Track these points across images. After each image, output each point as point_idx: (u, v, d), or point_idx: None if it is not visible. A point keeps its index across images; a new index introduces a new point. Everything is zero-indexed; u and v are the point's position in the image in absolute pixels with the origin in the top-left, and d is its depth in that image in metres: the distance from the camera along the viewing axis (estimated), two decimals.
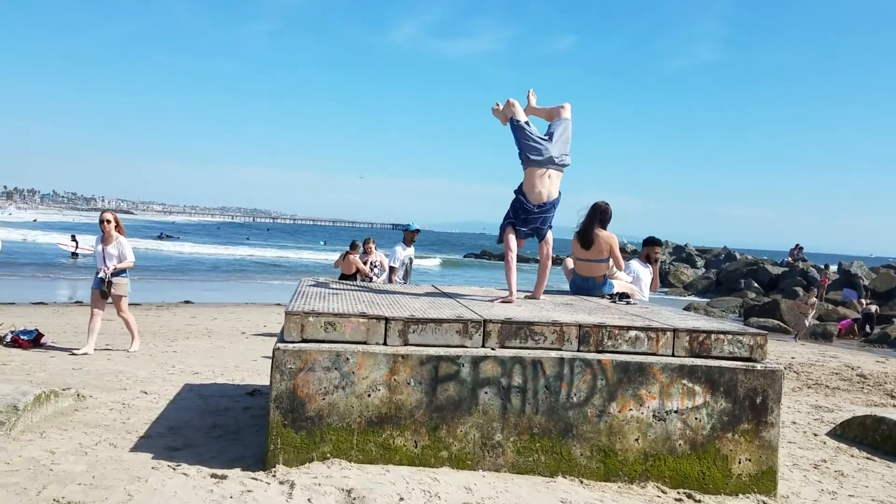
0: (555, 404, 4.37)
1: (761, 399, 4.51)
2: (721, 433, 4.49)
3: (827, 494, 4.77)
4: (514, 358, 4.36)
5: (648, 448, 4.44)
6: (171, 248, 46.22)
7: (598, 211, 6.47)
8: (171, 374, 7.69)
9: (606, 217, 6.48)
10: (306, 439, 4.19)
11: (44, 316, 12.89)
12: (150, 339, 10.53)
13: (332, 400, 4.21)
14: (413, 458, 4.27)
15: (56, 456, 4.34)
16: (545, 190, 5.46)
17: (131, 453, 4.49)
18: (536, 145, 5.43)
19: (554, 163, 5.44)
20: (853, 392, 9.42)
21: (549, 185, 5.47)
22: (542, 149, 5.43)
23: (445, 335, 4.38)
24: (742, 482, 4.49)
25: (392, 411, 4.26)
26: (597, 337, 4.50)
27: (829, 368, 11.52)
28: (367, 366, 4.23)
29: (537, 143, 5.44)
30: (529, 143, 5.45)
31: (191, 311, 15.44)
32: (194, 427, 5.27)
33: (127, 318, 9.18)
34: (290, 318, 4.27)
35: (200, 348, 9.94)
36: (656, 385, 4.44)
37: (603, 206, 6.52)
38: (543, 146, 5.43)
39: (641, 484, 4.40)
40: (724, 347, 4.59)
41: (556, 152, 5.45)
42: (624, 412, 4.42)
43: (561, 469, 4.37)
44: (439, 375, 4.29)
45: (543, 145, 5.44)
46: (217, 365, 8.52)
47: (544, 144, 5.44)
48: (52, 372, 7.34)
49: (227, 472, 4.15)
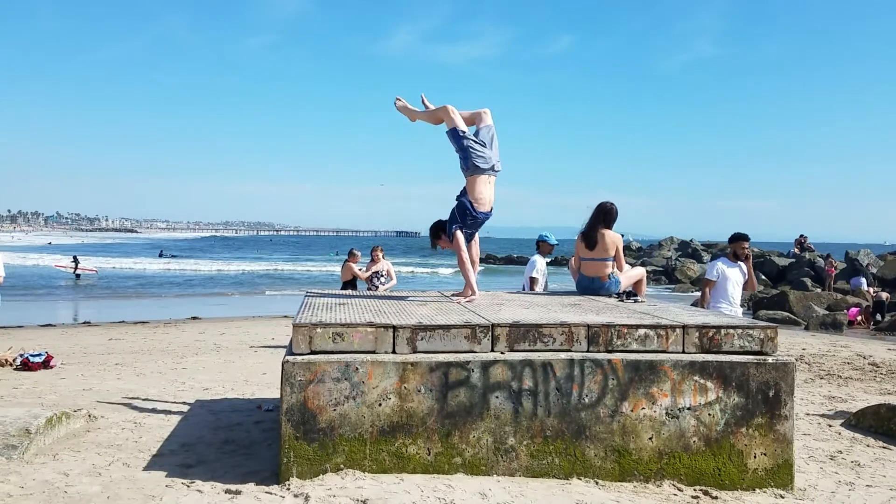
0: (567, 406, 4.36)
1: (774, 392, 4.48)
2: (735, 428, 4.46)
3: (844, 486, 4.73)
4: (523, 361, 4.34)
5: (663, 446, 4.42)
6: (175, 267, 46.23)
7: (602, 211, 6.47)
8: (181, 390, 7.70)
9: (611, 217, 6.47)
10: (319, 451, 4.18)
11: (52, 338, 12.92)
12: (158, 357, 10.55)
13: (344, 410, 4.20)
14: (427, 465, 4.25)
15: (70, 478, 4.34)
16: (490, 196, 5.59)
17: (145, 472, 4.49)
18: (482, 153, 5.48)
19: (494, 169, 5.57)
20: (866, 381, 9.37)
21: (492, 191, 5.61)
22: (487, 157, 5.50)
23: (454, 341, 4.37)
24: (758, 477, 4.46)
25: (404, 419, 4.25)
26: (606, 337, 4.49)
27: (841, 358, 11.46)
28: (377, 375, 4.22)
29: (482, 151, 5.49)
30: (476, 150, 5.47)
31: (198, 327, 15.47)
32: (207, 443, 5.26)
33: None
34: (298, 330, 4.27)
35: (210, 364, 9.95)
36: (668, 382, 4.42)
37: (608, 207, 6.51)
38: (488, 154, 5.51)
39: (657, 483, 4.37)
40: (734, 342, 4.56)
41: (496, 159, 5.58)
42: (636, 411, 4.40)
43: (576, 471, 4.35)
44: (449, 382, 4.28)
45: (487, 153, 5.51)
46: (227, 380, 8.53)
47: (488, 152, 5.51)
48: (62, 394, 7.35)
49: (241, 487, 4.14)
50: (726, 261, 7.19)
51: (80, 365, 9.45)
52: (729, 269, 7.09)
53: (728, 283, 7.03)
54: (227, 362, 10.15)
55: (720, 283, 7.06)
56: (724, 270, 7.09)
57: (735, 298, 7.07)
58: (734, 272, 7.08)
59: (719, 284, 7.09)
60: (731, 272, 7.07)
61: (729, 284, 7.02)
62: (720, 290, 7.10)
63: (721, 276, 7.06)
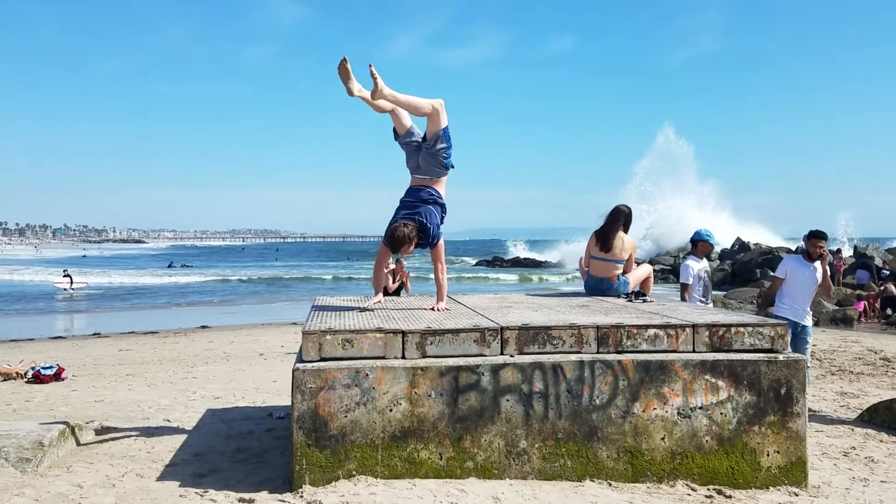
0: (578, 408, 4.35)
1: (786, 390, 4.47)
2: (748, 427, 4.45)
3: (859, 482, 4.71)
4: (533, 364, 4.34)
5: (675, 446, 4.40)
6: (185, 278, 46.19)
7: (621, 215, 6.47)
8: (192, 400, 7.72)
9: (630, 221, 6.48)
10: (331, 458, 4.19)
11: (63, 350, 12.98)
12: (169, 366, 10.58)
13: (355, 417, 4.20)
14: (439, 470, 4.25)
15: (84, 490, 4.35)
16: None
17: (158, 482, 4.50)
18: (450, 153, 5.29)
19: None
20: (878, 376, 9.32)
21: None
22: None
23: (463, 345, 4.37)
24: (772, 475, 4.44)
25: (415, 425, 4.24)
26: (615, 337, 4.48)
27: (852, 353, 11.40)
28: (387, 380, 4.23)
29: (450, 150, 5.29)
30: (450, 151, 5.27)
31: (208, 336, 15.50)
32: (219, 452, 5.27)
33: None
34: (307, 337, 4.27)
35: (220, 372, 9.97)
36: (679, 382, 4.41)
37: (627, 211, 6.52)
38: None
39: (670, 483, 4.36)
40: (744, 340, 4.55)
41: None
42: (648, 412, 4.39)
43: (588, 473, 4.34)
44: (460, 386, 4.27)
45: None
46: (237, 388, 8.54)
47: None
48: (74, 406, 7.38)
49: (254, 495, 4.15)
50: (799, 259, 6.83)
51: (91, 376, 9.49)
52: (799, 269, 6.73)
53: (796, 284, 6.69)
54: (237, 371, 10.17)
55: (788, 282, 6.73)
56: (793, 269, 6.74)
57: (801, 299, 6.68)
58: (806, 272, 6.71)
59: (786, 284, 6.76)
60: (802, 272, 6.71)
61: (796, 285, 6.69)
62: (787, 289, 6.78)
63: (789, 275, 6.73)
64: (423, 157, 5.23)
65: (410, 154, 5.34)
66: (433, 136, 5.16)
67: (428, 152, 5.21)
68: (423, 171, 5.28)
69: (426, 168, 5.26)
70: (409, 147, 5.34)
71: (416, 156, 5.28)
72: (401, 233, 4.99)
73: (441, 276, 5.29)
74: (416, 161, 5.28)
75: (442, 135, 5.17)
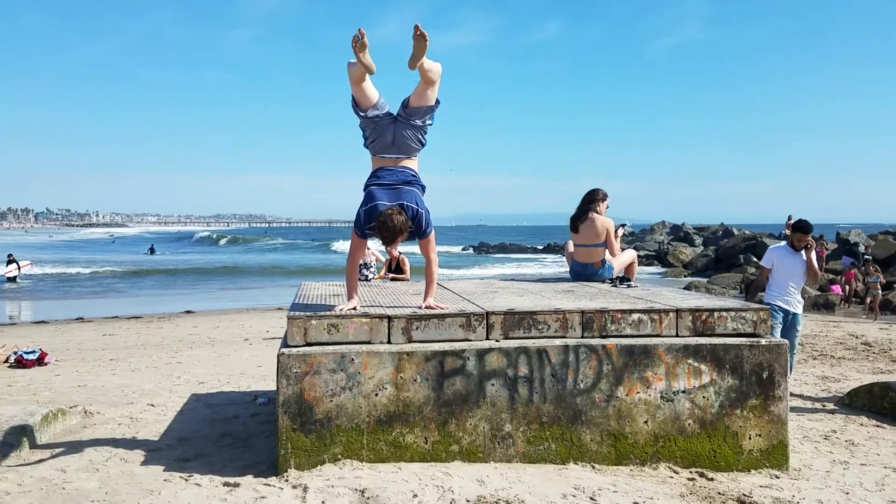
0: (562, 392, 4.37)
1: (768, 374, 4.51)
2: (730, 410, 4.49)
3: (839, 464, 4.77)
4: (518, 348, 4.36)
5: (658, 429, 4.44)
6: (166, 257, 45.80)
7: (588, 198, 6.57)
8: (176, 385, 7.69)
9: (591, 199, 6.52)
10: (316, 442, 4.19)
11: (46, 335, 12.89)
12: (153, 351, 10.54)
13: (340, 401, 4.21)
14: (424, 454, 4.27)
15: (67, 474, 4.33)
16: None
17: (143, 467, 4.49)
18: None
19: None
20: (859, 361, 9.44)
21: None
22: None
23: (449, 330, 4.37)
24: (753, 458, 4.49)
25: (400, 409, 4.25)
26: (600, 322, 4.50)
27: (834, 338, 11.54)
28: (373, 365, 4.23)
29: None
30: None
31: (192, 321, 15.45)
32: (204, 437, 5.26)
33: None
34: (292, 322, 4.26)
35: (205, 357, 9.94)
36: (662, 366, 4.44)
37: (590, 191, 6.60)
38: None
39: (653, 465, 4.40)
40: (727, 325, 4.59)
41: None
42: (632, 395, 4.42)
43: (572, 456, 4.37)
44: (445, 370, 4.28)
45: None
46: (222, 373, 8.52)
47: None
48: (57, 390, 7.34)
49: (239, 479, 4.15)
50: (786, 248, 6.89)
51: (74, 361, 9.43)
52: (785, 257, 6.81)
53: (783, 272, 6.77)
54: (221, 356, 10.14)
55: (775, 271, 6.81)
56: (779, 258, 6.83)
57: (789, 287, 6.76)
58: (791, 260, 6.77)
59: (774, 272, 6.83)
60: (788, 260, 6.79)
61: (783, 273, 6.76)
62: (774, 277, 6.84)
63: (776, 264, 6.82)
64: (402, 130, 4.68)
65: (380, 130, 4.71)
66: (426, 109, 4.70)
67: (411, 124, 4.69)
68: (399, 147, 4.70)
69: (402, 145, 4.69)
70: (378, 122, 4.71)
71: (390, 130, 4.69)
72: (397, 222, 4.37)
73: (433, 270, 4.73)
74: (391, 136, 4.68)
75: (432, 111, 4.75)
